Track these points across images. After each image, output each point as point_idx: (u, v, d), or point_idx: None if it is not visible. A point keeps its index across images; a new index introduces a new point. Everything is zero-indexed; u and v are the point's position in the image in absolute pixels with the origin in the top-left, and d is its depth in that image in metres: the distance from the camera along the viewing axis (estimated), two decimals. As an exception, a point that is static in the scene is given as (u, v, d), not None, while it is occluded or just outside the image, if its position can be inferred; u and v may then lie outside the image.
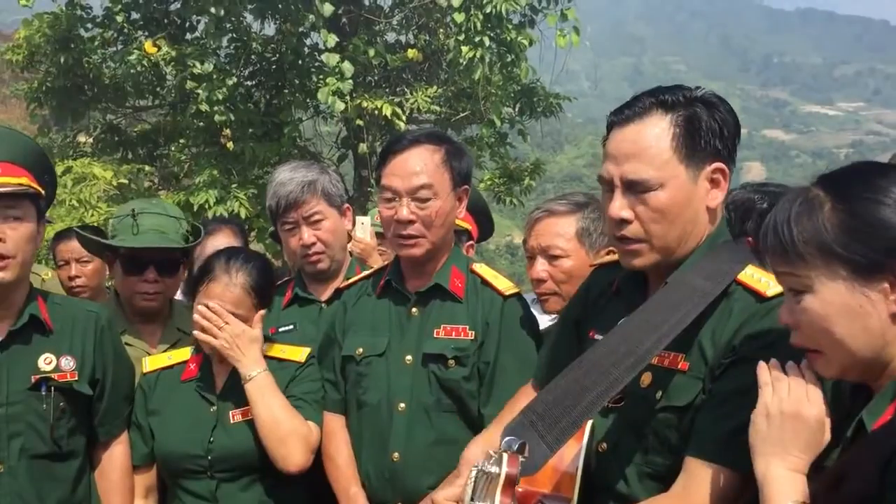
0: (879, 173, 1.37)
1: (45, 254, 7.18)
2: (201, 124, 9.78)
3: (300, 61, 10.39)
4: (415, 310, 2.42)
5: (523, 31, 9.97)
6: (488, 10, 9.22)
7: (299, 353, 2.53)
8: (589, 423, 1.72)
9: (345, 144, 11.11)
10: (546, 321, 2.67)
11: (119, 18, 9.85)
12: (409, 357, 2.37)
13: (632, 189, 1.70)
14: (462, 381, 2.33)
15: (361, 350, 2.43)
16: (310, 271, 2.88)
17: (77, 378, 2.31)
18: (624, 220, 1.72)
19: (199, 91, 9.15)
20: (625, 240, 1.74)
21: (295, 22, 9.88)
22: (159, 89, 10.56)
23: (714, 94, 1.74)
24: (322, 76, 9.54)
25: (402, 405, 2.34)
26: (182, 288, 3.09)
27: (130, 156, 10.90)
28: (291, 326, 2.79)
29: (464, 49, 9.30)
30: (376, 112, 9.75)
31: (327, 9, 9.36)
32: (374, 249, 3.26)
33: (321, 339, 2.57)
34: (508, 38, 9.63)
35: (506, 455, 1.59)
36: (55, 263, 4.00)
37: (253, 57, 10.59)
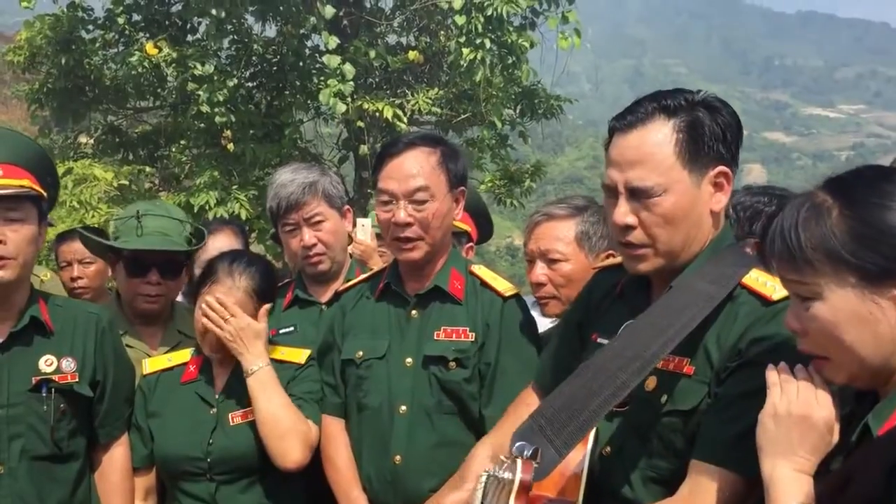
0: (887, 178, 1.36)
1: (46, 255, 7.19)
2: (202, 126, 9.79)
3: (301, 63, 10.40)
4: (414, 312, 2.42)
5: (524, 34, 9.98)
6: (489, 12, 9.23)
7: (300, 355, 2.53)
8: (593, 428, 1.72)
9: (345, 146, 11.11)
10: (546, 324, 2.67)
11: (120, 20, 9.86)
12: (409, 359, 2.37)
13: (636, 195, 1.70)
14: (463, 383, 2.33)
15: (361, 353, 2.42)
16: (310, 273, 2.88)
17: (78, 380, 2.31)
18: (629, 227, 1.72)
19: (200, 92, 9.15)
20: (630, 245, 1.74)
21: (296, 24, 9.89)
22: (160, 91, 10.57)
23: (716, 98, 1.74)
24: (323, 78, 9.54)
25: (404, 408, 2.34)
26: (183, 290, 3.10)
27: (131, 157, 10.90)
28: (292, 328, 2.79)
29: (465, 51, 9.31)
30: (377, 114, 9.76)
31: (328, 11, 9.37)
32: (374, 251, 3.26)
33: (320, 344, 2.57)
34: (509, 41, 9.64)
35: (520, 461, 1.58)
36: (57, 264, 3.99)
37: (254, 58, 10.59)
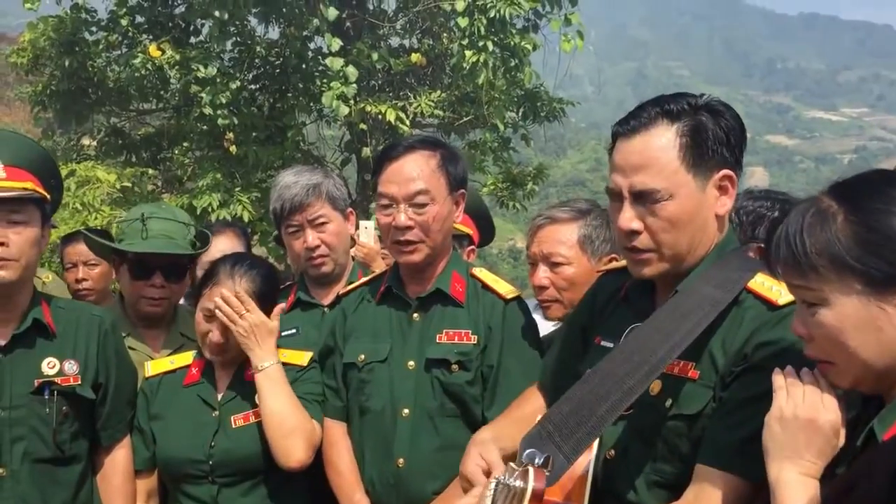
0: (892, 183, 1.35)
1: (48, 257, 7.19)
2: (205, 128, 9.80)
3: (304, 65, 10.40)
4: (416, 315, 2.41)
5: (527, 36, 9.98)
6: (492, 14, 9.23)
7: (302, 357, 2.53)
8: None
9: (348, 148, 11.11)
10: (547, 327, 2.66)
11: (123, 22, 9.88)
12: (411, 362, 2.37)
13: (640, 200, 1.70)
14: (466, 386, 2.33)
15: (363, 357, 2.42)
16: (313, 275, 2.88)
17: (80, 382, 2.31)
18: (634, 232, 1.71)
19: (203, 95, 9.16)
20: (634, 250, 1.74)
21: (299, 26, 9.89)
22: (163, 93, 10.58)
23: (719, 102, 1.73)
24: (326, 80, 9.55)
25: (406, 411, 2.34)
26: (186, 292, 3.09)
27: (134, 159, 10.91)
28: (294, 330, 2.79)
29: (467, 53, 9.31)
30: (380, 116, 9.76)
31: (331, 13, 9.38)
32: (377, 254, 3.25)
33: (321, 347, 2.57)
34: (512, 43, 9.64)
35: (532, 470, 1.57)
36: (62, 266, 4.00)
37: (257, 61, 10.60)
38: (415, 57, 10.39)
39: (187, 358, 2.58)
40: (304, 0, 9.85)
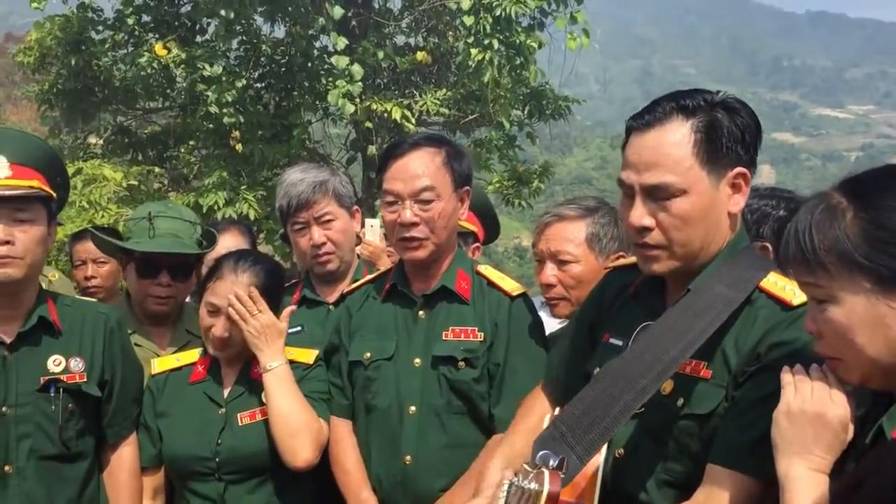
0: None
1: (54, 255, 7.21)
2: (211, 126, 9.81)
3: (310, 64, 10.40)
4: (422, 313, 2.41)
5: (532, 34, 9.96)
6: (498, 12, 9.21)
7: (308, 356, 2.53)
8: None
9: (354, 147, 11.12)
10: (553, 325, 2.66)
11: (130, 21, 9.88)
12: (417, 360, 2.36)
13: (653, 196, 1.68)
14: (472, 383, 2.33)
15: (369, 354, 2.42)
16: (319, 272, 2.88)
17: (86, 379, 2.31)
18: (645, 228, 1.70)
19: (209, 93, 9.17)
20: (645, 246, 1.72)
21: (305, 24, 9.89)
22: (169, 91, 10.59)
23: (735, 99, 1.71)
24: (331, 79, 9.54)
25: (413, 408, 2.34)
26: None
27: (140, 157, 10.94)
28: (299, 328, 2.79)
29: (473, 52, 9.29)
30: (385, 114, 9.76)
31: (337, 11, 9.37)
32: (383, 252, 3.25)
33: (326, 345, 2.57)
34: (518, 41, 9.62)
35: (547, 472, 1.57)
36: (71, 263, 4.02)
37: (262, 59, 10.60)
38: (420, 55, 10.38)
39: (193, 355, 2.58)
40: (310, -2, 9.86)
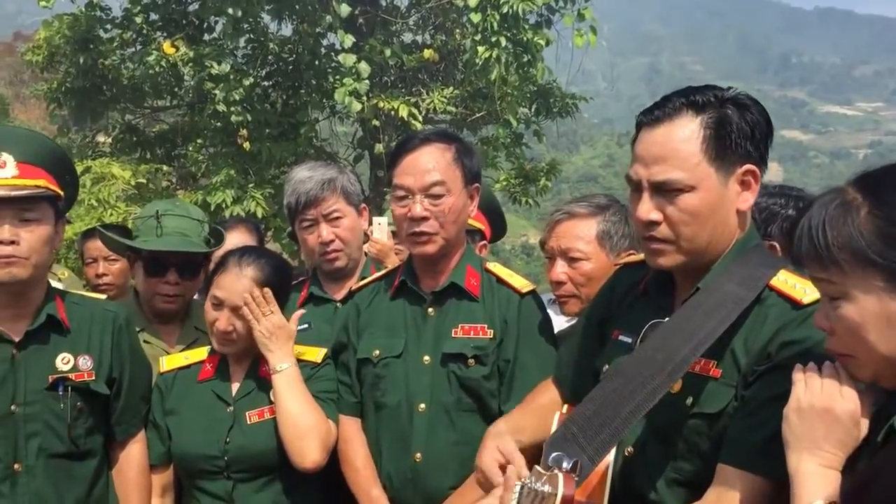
0: None
1: (64, 253, 7.23)
2: (218, 124, 9.82)
3: (317, 62, 10.39)
4: (431, 310, 2.40)
5: (540, 32, 9.92)
6: (505, 10, 9.19)
7: (316, 354, 2.52)
8: None
9: (361, 145, 11.11)
10: (561, 323, 2.65)
11: (138, 19, 9.90)
12: (427, 357, 2.36)
13: (661, 191, 1.68)
14: (482, 380, 2.32)
15: (378, 352, 2.41)
16: (327, 269, 2.87)
17: (94, 377, 2.31)
18: (653, 222, 1.69)
19: (217, 91, 9.17)
20: (652, 239, 1.71)
21: (312, 22, 9.89)
22: (177, 90, 10.60)
23: (746, 96, 1.70)
24: (339, 76, 9.53)
25: (423, 406, 2.33)
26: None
27: (148, 156, 10.95)
28: (306, 325, 2.78)
29: (480, 49, 9.27)
30: (392, 112, 9.75)
31: (344, 9, 9.36)
32: (391, 250, 3.25)
33: (334, 343, 2.56)
34: (525, 39, 9.58)
35: (561, 475, 1.55)
36: (82, 260, 4.03)
37: (270, 57, 10.60)
38: (427, 53, 10.36)
39: (202, 353, 2.58)
40: (317, -4, 9.85)
